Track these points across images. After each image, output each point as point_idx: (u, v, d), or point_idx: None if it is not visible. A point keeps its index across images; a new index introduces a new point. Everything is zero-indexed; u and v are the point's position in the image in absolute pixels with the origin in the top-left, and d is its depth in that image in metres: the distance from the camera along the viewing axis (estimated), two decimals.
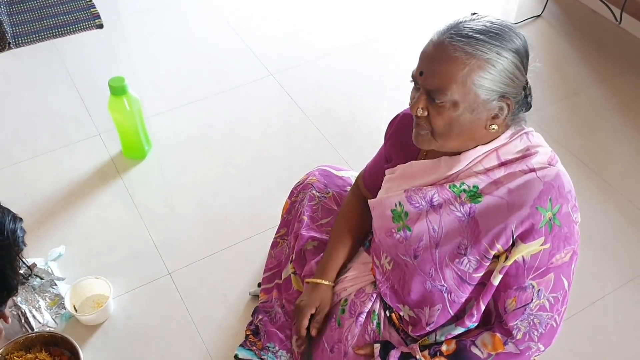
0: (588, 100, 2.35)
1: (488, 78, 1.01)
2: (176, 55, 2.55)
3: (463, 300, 1.18)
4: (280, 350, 1.48)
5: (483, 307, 1.16)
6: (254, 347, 1.51)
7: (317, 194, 1.53)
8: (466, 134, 1.08)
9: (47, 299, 1.66)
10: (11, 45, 2.52)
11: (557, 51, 2.58)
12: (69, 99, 2.32)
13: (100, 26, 2.67)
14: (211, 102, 2.33)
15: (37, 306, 1.62)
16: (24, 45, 2.56)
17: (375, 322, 1.29)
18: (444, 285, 1.17)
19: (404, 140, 1.25)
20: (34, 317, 1.60)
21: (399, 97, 2.20)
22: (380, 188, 1.29)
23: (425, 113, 1.06)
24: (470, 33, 1.01)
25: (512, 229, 1.08)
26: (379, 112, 2.31)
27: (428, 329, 1.22)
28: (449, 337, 1.22)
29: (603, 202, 1.98)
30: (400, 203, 1.21)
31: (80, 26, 2.65)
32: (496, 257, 1.13)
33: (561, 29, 2.70)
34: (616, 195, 2.00)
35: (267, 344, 1.49)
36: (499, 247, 1.10)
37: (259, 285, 1.67)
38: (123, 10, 2.79)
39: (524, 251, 1.09)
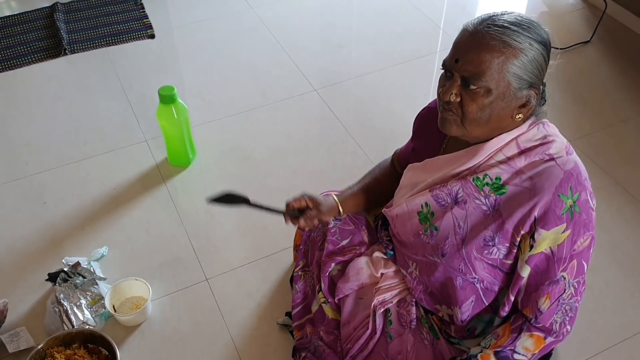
0: (636, 127, 2.31)
1: (520, 67, 1.07)
2: (223, 67, 2.60)
3: (497, 288, 1.21)
4: None
5: (513, 298, 1.19)
6: None
7: (331, 219, 1.50)
8: (493, 122, 1.12)
9: (88, 297, 1.69)
10: (66, 52, 2.62)
11: (605, 77, 2.54)
12: (118, 104, 2.39)
13: (152, 36, 2.75)
14: (255, 114, 2.37)
15: (78, 304, 1.66)
16: (78, 52, 2.65)
17: (427, 325, 1.31)
18: (475, 277, 1.20)
19: (429, 134, 1.32)
20: (75, 314, 1.63)
21: None
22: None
23: (458, 99, 1.11)
24: (505, 24, 1.07)
25: (535, 215, 1.11)
26: None
27: (464, 323, 1.25)
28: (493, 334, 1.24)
29: None
30: (426, 204, 1.24)
31: (133, 35, 2.74)
32: (519, 245, 1.15)
33: (610, 56, 2.66)
34: None
35: None
36: (522, 233, 1.13)
37: (286, 314, 1.66)
38: (174, 22, 2.87)
39: (549, 239, 1.12)
